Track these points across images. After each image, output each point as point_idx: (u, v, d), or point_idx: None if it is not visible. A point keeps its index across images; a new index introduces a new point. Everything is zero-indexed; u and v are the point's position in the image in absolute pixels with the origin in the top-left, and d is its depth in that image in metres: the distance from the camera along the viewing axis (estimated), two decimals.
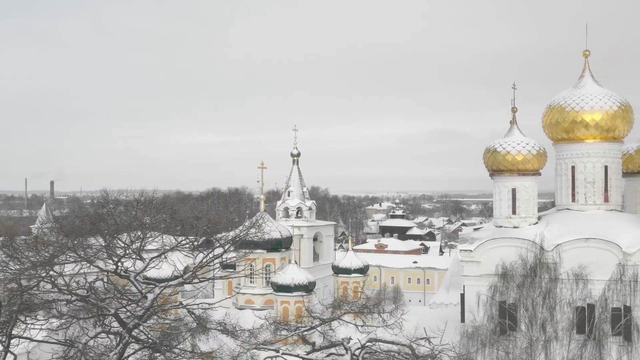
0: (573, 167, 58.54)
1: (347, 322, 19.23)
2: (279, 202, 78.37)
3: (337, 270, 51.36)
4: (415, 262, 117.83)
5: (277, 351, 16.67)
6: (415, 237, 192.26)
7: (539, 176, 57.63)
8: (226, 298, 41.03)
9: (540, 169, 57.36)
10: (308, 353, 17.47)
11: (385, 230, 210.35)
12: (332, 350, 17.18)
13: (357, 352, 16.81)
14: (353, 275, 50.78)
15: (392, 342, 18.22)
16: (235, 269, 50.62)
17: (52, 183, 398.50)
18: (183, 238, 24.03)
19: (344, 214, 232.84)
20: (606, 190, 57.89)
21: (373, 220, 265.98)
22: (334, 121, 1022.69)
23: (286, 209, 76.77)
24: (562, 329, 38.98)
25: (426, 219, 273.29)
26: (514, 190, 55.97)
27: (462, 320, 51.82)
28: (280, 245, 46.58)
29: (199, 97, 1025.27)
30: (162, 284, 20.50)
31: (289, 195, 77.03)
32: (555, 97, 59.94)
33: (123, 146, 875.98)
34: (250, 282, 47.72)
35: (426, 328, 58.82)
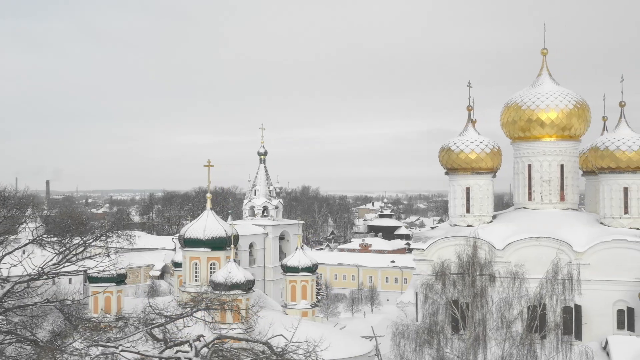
0: (529, 166, 58.37)
1: (198, 318, 18.97)
2: (245, 201, 78.18)
3: (286, 269, 51.19)
4: (393, 261, 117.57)
5: (116, 348, 16.49)
6: (402, 237, 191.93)
7: (494, 175, 57.38)
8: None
9: (495, 168, 57.08)
10: (162, 351, 17.24)
11: (373, 230, 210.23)
12: (180, 347, 16.97)
13: (203, 350, 16.60)
14: (301, 273, 50.59)
15: (245, 340, 17.94)
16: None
17: (47, 183, 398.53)
18: (42, 234, 23.78)
19: (334, 213, 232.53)
20: (562, 189, 57.71)
21: (365, 220, 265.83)
22: (332, 121, 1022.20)
23: (252, 208, 76.56)
24: (497, 327, 38.64)
25: (418, 219, 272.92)
26: (467, 189, 55.74)
27: (417, 319, 51.71)
28: (225, 243, 46.35)
29: (198, 97, 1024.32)
30: (13, 281, 20.28)
31: (255, 194, 76.79)
32: (512, 95, 59.75)
33: (120, 146, 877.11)
34: (195, 280, 47.62)
35: (375, 327, 58.41)
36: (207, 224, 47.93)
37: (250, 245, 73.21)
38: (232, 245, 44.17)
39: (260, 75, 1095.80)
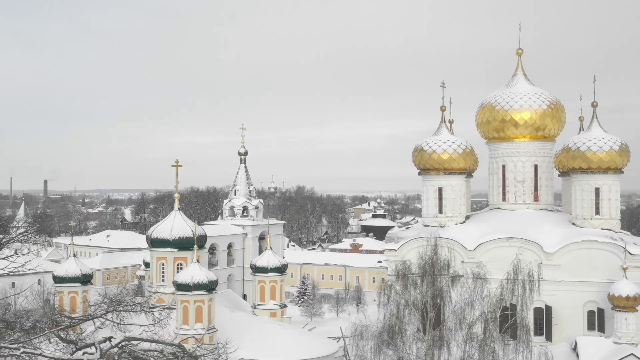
0: (504, 166, 58.23)
1: (107, 320, 18.83)
2: (225, 201, 78.03)
3: (255, 269, 51.07)
4: (380, 261, 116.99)
5: (18, 350, 16.38)
6: None
7: (468, 175, 57.27)
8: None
9: (468, 168, 56.97)
10: (73, 353, 17.15)
11: (366, 230, 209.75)
12: (87, 349, 16.85)
13: (111, 352, 16.50)
14: (270, 274, 50.45)
15: (156, 341, 17.81)
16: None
17: (45, 182, 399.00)
18: None
19: (328, 213, 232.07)
20: (536, 189, 57.59)
21: (360, 220, 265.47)
22: (332, 121, 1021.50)
23: (232, 208, 76.43)
24: (456, 328, 38.42)
25: (413, 219, 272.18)
26: (440, 189, 55.56)
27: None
28: (192, 244, 46.18)
29: (198, 97, 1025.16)
30: None
31: (235, 194, 76.67)
32: (487, 95, 59.61)
33: (119, 146, 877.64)
34: (162, 280, 47.48)
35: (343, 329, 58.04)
36: (174, 224, 47.78)
37: (229, 245, 73.12)
38: (195, 246, 43.93)
39: (260, 75, 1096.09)
